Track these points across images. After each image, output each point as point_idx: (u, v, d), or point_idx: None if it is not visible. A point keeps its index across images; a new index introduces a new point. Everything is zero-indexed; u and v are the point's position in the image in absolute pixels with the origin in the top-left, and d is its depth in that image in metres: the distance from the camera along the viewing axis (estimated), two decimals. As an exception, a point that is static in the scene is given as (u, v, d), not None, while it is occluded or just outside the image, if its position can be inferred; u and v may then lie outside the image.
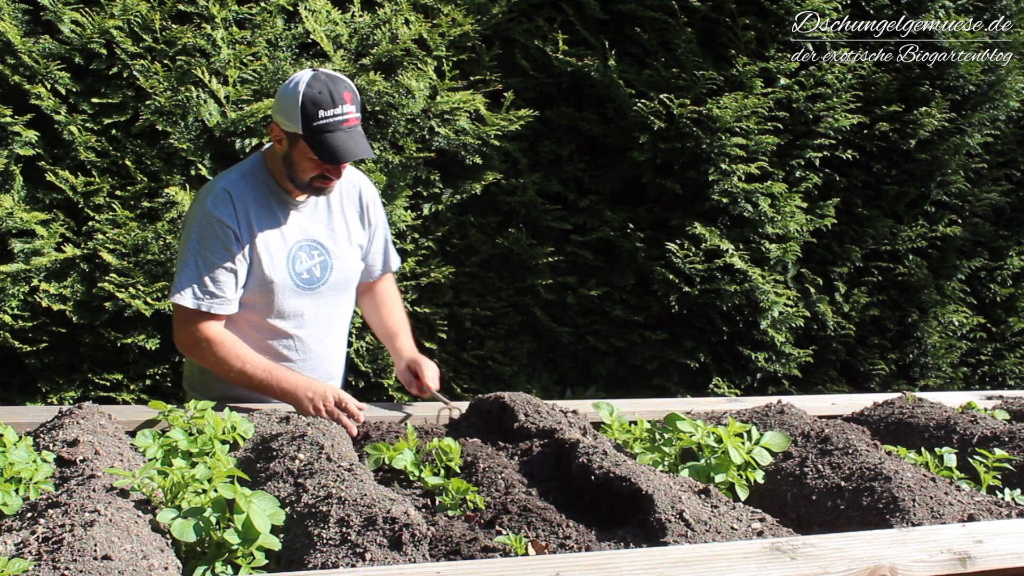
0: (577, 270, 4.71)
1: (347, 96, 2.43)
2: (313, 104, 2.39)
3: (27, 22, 3.67)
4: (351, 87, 2.48)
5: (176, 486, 1.62)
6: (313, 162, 2.44)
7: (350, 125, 2.43)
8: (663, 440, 2.22)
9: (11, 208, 3.61)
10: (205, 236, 2.47)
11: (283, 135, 2.47)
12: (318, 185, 2.51)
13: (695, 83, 4.58)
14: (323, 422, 2.14)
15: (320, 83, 2.41)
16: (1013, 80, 5.32)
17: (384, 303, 2.87)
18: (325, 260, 2.62)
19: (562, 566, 1.39)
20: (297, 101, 2.39)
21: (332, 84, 2.42)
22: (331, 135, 2.40)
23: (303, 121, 2.40)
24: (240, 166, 2.63)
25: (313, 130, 2.40)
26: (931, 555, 1.52)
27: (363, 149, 2.46)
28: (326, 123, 2.39)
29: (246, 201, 2.51)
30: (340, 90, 2.42)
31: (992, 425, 2.43)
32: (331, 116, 2.39)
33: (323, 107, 2.39)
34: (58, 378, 3.80)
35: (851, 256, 5.21)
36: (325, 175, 2.49)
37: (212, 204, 2.48)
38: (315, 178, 2.49)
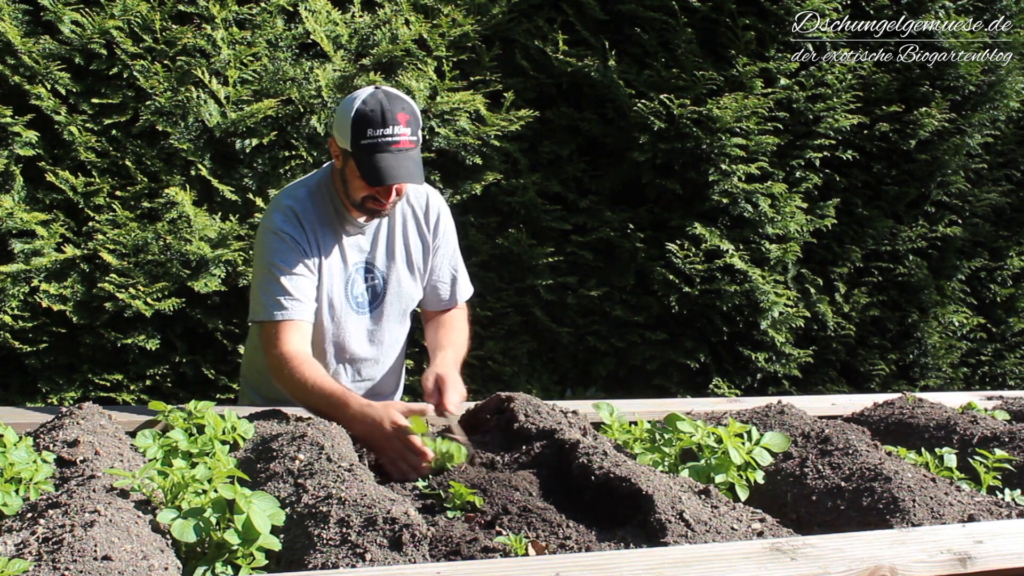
0: (577, 270, 4.71)
1: (402, 117, 2.32)
2: (363, 121, 2.30)
3: (27, 22, 3.67)
4: (410, 109, 2.37)
5: (176, 486, 1.62)
6: (362, 182, 2.36)
7: (400, 148, 2.32)
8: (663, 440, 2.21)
9: (11, 208, 3.61)
10: (277, 249, 2.42)
11: (339, 151, 2.41)
12: (371, 207, 2.42)
13: (695, 83, 4.58)
14: (323, 422, 2.14)
15: (375, 100, 2.32)
16: (1013, 80, 5.32)
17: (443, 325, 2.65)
18: (378, 284, 2.58)
19: (562, 566, 1.39)
20: (349, 117, 2.32)
21: (388, 103, 2.32)
22: (378, 155, 2.31)
23: (352, 138, 2.32)
24: (308, 180, 2.56)
25: (361, 148, 2.31)
26: (931, 555, 1.52)
27: (407, 174, 2.33)
28: (374, 142, 2.30)
29: (312, 220, 2.46)
30: (395, 110, 2.32)
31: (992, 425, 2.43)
32: (379, 136, 2.30)
33: (372, 126, 2.30)
34: (58, 378, 3.80)
35: (851, 256, 5.21)
36: (376, 197, 2.40)
37: (281, 221, 2.44)
38: (366, 199, 2.41)
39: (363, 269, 2.57)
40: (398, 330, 2.69)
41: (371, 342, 2.63)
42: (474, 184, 4.39)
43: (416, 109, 2.40)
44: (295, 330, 2.40)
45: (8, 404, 3.70)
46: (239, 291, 3.98)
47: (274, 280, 2.40)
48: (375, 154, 2.31)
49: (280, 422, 2.20)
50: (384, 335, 2.64)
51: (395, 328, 2.66)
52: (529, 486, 1.93)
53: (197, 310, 3.91)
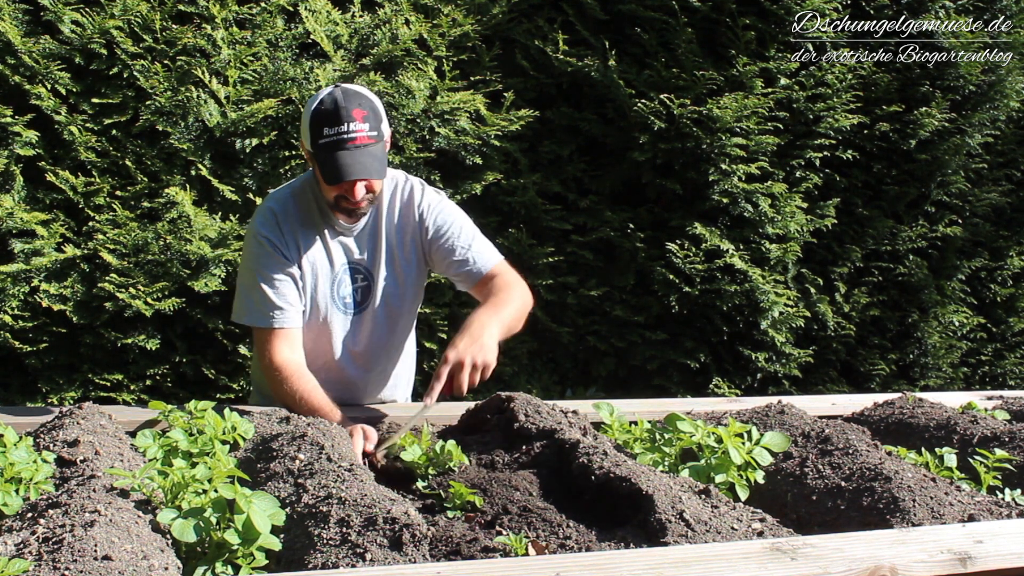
0: (577, 270, 4.71)
1: (357, 113, 2.31)
2: (319, 120, 2.31)
3: (27, 22, 3.67)
4: (368, 104, 2.35)
5: (176, 486, 1.62)
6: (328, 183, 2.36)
7: (356, 144, 2.30)
8: (663, 440, 2.21)
9: (11, 208, 3.61)
10: (259, 254, 2.45)
11: (307, 154, 2.42)
12: (345, 206, 2.41)
13: (695, 83, 4.58)
14: (323, 422, 2.15)
15: (331, 99, 2.32)
16: (1013, 80, 5.32)
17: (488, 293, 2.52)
18: (368, 285, 2.56)
19: (562, 566, 1.39)
20: (308, 117, 2.34)
21: (344, 99, 2.31)
22: (336, 153, 2.30)
23: (311, 138, 2.34)
24: (294, 181, 2.57)
25: (319, 148, 2.32)
26: (931, 555, 1.52)
27: (363, 169, 2.31)
28: (328, 140, 2.30)
29: (292, 222, 2.46)
30: (351, 107, 2.30)
31: (992, 425, 2.43)
32: (334, 134, 2.29)
33: (328, 123, 2.29)
34: (58, 378, 3.80)
35: (851, 256, 5.21)
36: (345, 196, 2.38)
37: (260, 224, 2.46)
38: (338, 199, 2.39)
39: (350, 270, 2.55)
40: (398, 331, 2.68)
41: (361, 342, 2.62)
42: (474, 184, 4.39)
43: (376, 104, 2.38)
44: (285, 339, 2.44)
45: (8, 404, 3.70)
46: (239, 291, 3.98)
47: (258, 287, 2.43)
48: (332, 152, 2.30)
49: (280, 422, 2.20)
50: (375, 335, 2.63)
51: (387, 328, 2.65)
52: (529, 486, 1.93)
53: (197, 310, 3.91)
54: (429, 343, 4.38)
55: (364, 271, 2.57)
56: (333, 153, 2.30)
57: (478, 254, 2.59)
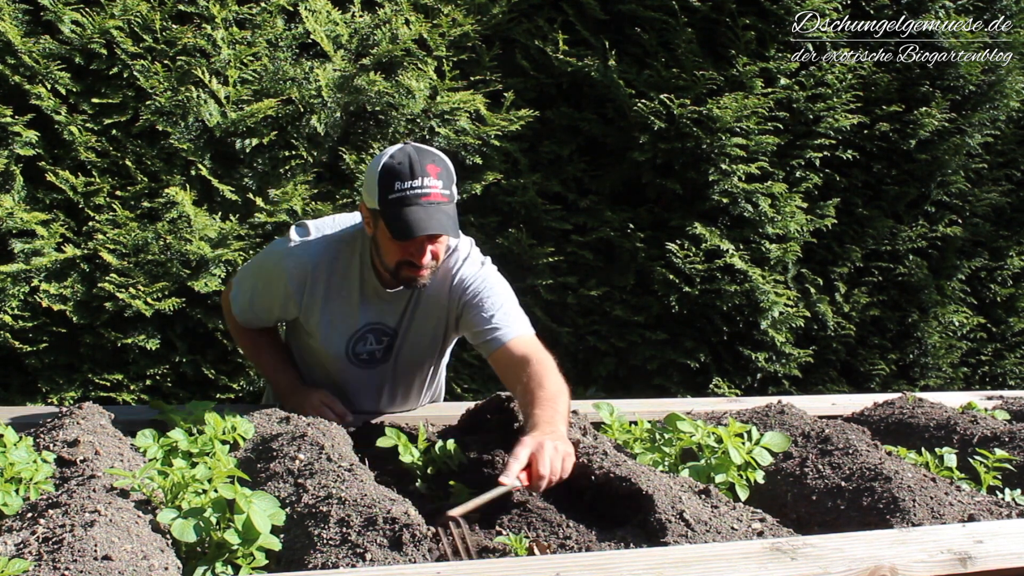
0: (577, 270, 4.71)
1: (431, 169, 2.20)
2: (391, 175, 2.19)
3: (27, 22, 3.67)
4: (442, 162, 2.25)
5: (176, 486, 1.62)
6: (393, 243, 2.23)
7: (431, 200, 2.18)
8: (663, 440, 2.22)
9: (11, 208, 3.61)
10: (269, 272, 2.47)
11: (368, 215, 2.29)
12: (407, 274, 2.29)
13: (695, 83, 4.58)
14: (323, 422, 2.15)
15: (403, 154, 2.21)
16: (1013, 80, 5.32)
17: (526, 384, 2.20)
18: (390, 345, 2.49)
19: (562, 566, 1.39)
20: (377, 172, 2.22)
21: (417, 155, 2.21)
22: (407, 209, 2.16)
23: (379, 194, 2.20)
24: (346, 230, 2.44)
25: (388, 203, 2.18)
26: (931, 555, 1.52)
27: (439, 225, 2.18)
28: (401, 195, 2.17)
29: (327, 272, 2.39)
30: (424, 162, 2.20)
31: (992, 425, 2.43)
32: (408, 188, 2.16)
33: (401, 179, 2.17)
34: (58, 378, 3.80)
35: (851, 256, 5.21)
36: (411, 261, 2.26)
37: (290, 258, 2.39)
38: (401, 264, 2.28)
39: (375, 331, 2.47)
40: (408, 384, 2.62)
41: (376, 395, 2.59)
42: (474, 184, 4.39)
43: (448, 164, 2.29)
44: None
45: (8, 404, 3.70)
46: (239, 291, 3.98)
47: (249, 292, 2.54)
48: (404, 207, 2.17)
49: (280, 422, 2.20)
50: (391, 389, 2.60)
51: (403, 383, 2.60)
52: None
53: (197, 310, 3.91)
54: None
55: (390, 333, 2.48)
56: (406, 208, 2.17)
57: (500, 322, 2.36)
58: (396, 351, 2.51)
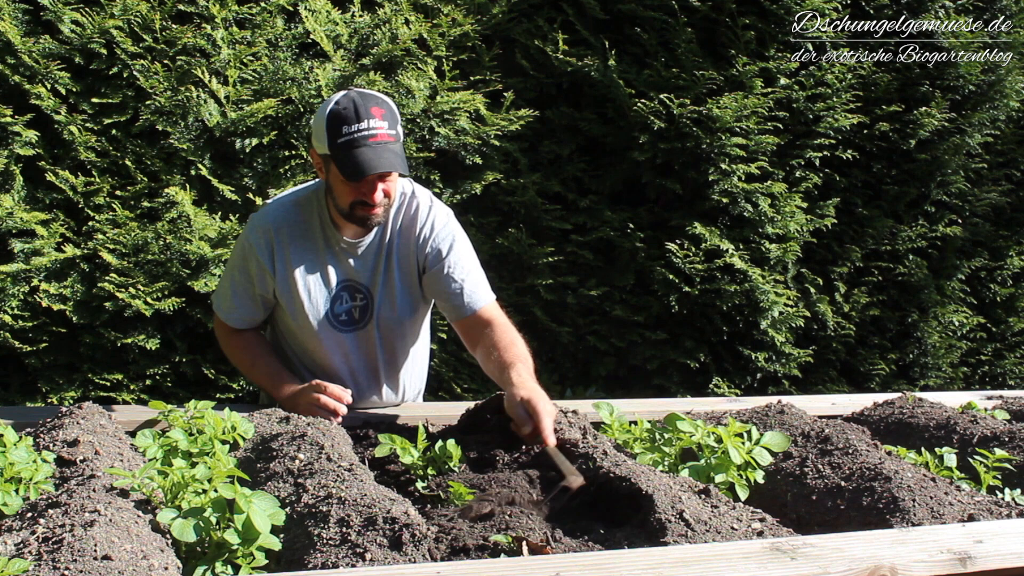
0: (577, 270, 4.71)
1: (376, 111, 2.30)
2: (337, 120, 2.29)
3: (27, 22, 3.67)
4: (385, 104, 2.35)
5: (176, 486, 1.62)
6: (345, 185, 2.33)
7: (378, 141, 2.29)
8: (663, 440, 2.21)
9: (11, 208, 3.61)
10: (240, 258, 2.54)
11: (320, 160, 2.39)
12: (360, 213, 2.38)
13: (695, 83, 4.58)
14: (323, 422, 2.15)
15: (347, 99, 2.31)
16: (1013, 80, 5.32)
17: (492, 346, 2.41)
18: (367, 304, 2.53)
19: (562, 566, 1.39)
20: (324, 119, 2.32)
21: (361, 99, 2.31)
22: (356, 151, 2.27)
23: (328, 139, 2.31)
24: (298, 191, 2.55)
25: (338, 147, 2.29)
26: (931, 555, 1.52)
27: (388, 163, 2.29)
28: (350, 138, 2.27)
29: (287, 235, 2.45)
30: (368, 105, 2.30)
31: (992, 425, 2.43)
32: (355, 131, 2.27)
33: (347, 122, 2.28)
34: (58, 378, 3.80)
35: (851, 256, 5.21)
36: (364, 200, 2.35)
37: (251, 232, 2.49)
38: (354, 205, 2.37)
39: (349, 288, 2.52)
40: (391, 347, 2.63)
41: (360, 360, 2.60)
42: (474, 184, 4.39)
43: (392, 106, 2.38)
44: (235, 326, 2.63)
45: (8, 404, 3.70)
46: (239, 291, 3.98)
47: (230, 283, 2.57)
48: (353, 149, 2.28)
49: (280, 422, 2.20)
50: (374, 353, 2.60)
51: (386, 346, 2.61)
52: (528, 486, 1.93)
53: (197, 310, 3.91)
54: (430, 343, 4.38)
55: (364, 290, 2.53)
56: (354, 150, 2.28)
57: (469, 292, 2.50)
58: (376, 312, 2.55)
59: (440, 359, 4.43)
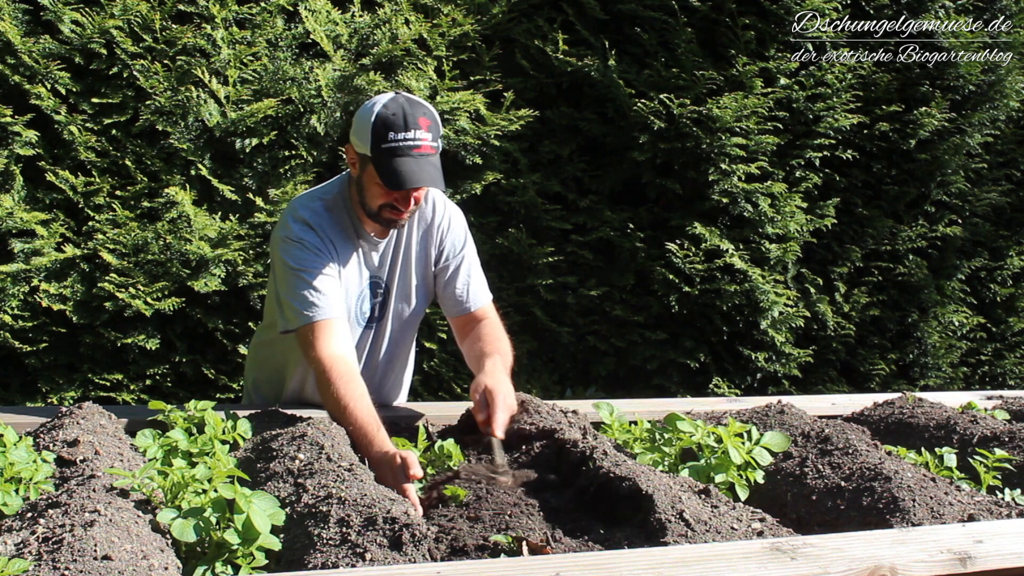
0: (577, 270, 4.71)
1: (423, 122, 2.28)
2: (385, 125, 2.25)
3: (27, 22, 3.67)
4: (431, 115, 2.33)
5: (176, 486, 1.62)
6: (380, 188, 2.30)
7: (421, 152, 2.27)
8: (663, 440, 2.22)
9: (11, 208, 3.61)
10: (298, 256, 2.34)
11: (356, 157, 2.36)
12: (387, 216, 2.36)
13: (695, 83, 4.58)
14: (323, 422, 2.14)
15: (397, 105, 2.28)
16: (1013, 80, 5.32)
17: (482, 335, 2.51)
18: (384, 301, 2.53)
19: (562, 566, 1.39)
20: (370, 121, 2.28)
21: (409, 107, 2.28)
22: (399, 159, 2.25)
23: (372, 142, 2.27)
24: (323, 192, 2.48)
25: (381, 152, 2.26)
26: (931, 555, 1.52)
27: (430, 178, 2.27)
28: (395, 146, 2.25)
29: (330, 232, 2.40)
30: (417, 115, 2.27)
31: (992, 425, 2.43)
32: (401, 140, 2.25)
33: (394, 129, 2.25)
34: (58, 378, 3.80)
35: (851, 256, 5.21)
36: (394, 205, 2.33)
37: (299, 230, 2.36)
38: (383, 207, 2.35)
39: (372, 285, 2.52)
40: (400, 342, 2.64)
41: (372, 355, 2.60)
42: (474, 184, 4.39)
43: (436, 115, 2.36)
44: (330, 330, 2.30)
45: (8, 404, 3.70)
46: (239, 291, 3.98)
47: (302, 284, 2.32)
48: (396, 158, 2.25)
49: (280, 422, 2.20)
50: (385, 347, 2.61)
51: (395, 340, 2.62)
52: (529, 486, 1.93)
53: (197, 310, 3.91)
54: (429, 343, 4.38)
55: (383, 286, 2.53)
56: (397, 159, 2.25)
57: (473, 291, 2.57)
58: (392, 306, 2.55)
59: (440, 359, 4.43)
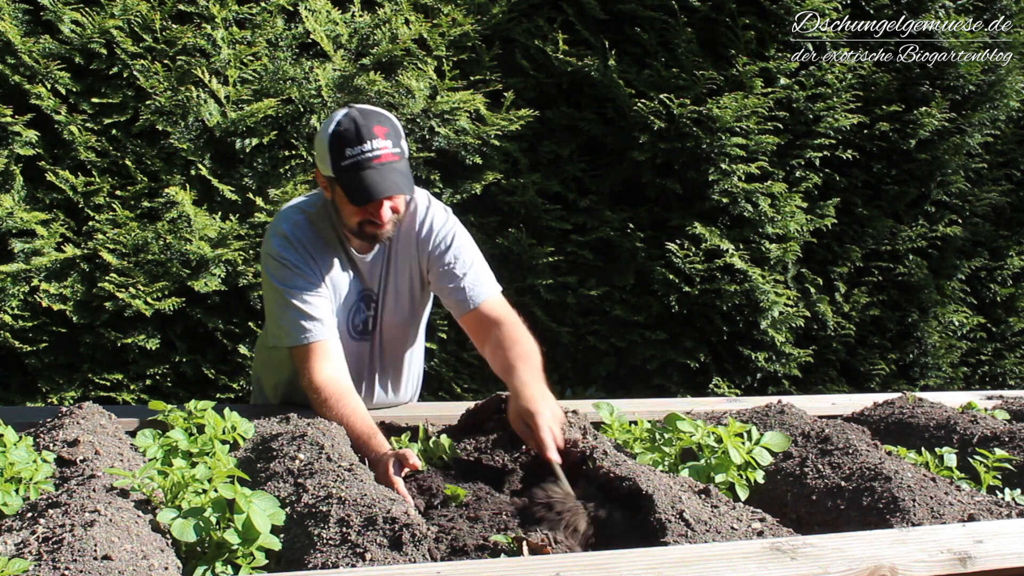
0: (577, 270, 4.71)
1: (379, 130, 2.23)
2: (340, 142, 2.22)
3: (27, 22, 3.67)
4: (388, 121, 2.28)
5: (176, 486, 1.62)
6: (353, 207, 2.26)
7: (382, 162, 2.21)
8: (663, 440, 2.22)
9: (11, 208, 3.61)
10: (283, 276, 2.34)
11: (325, 181, 2.32)
12: (369, 231, 2.31)
13: (695, 83, 4.58)
14: (323, 422, 2.14)
15: (349, 120, 2.23)
16: (1013, 80, 5.32)
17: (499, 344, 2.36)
18: (376, 314, 2.50)
19: (562, 566, 1.39)
20: (327, 142, 2.25)
21: (362, 119, 2.23)
22: (361, 174, 2.21)
23: (332, 162, 2.23)
24: (306, 204, 2.44)
25: (342, 170, 2.22)
26: (931, 555, 1.52)
27: (394, 186, 2.22)
28: (354, 161, 2.20)
29: (311, 246, 2.37)
30: (371, 125, 2.23)
31: (992, 425, 2.43)
32: (359, 154, 2.20)
33: (350, 144, 2.21)
34: (58, 378, 3.80)
35: (851, 256, 5.21)
36: (371, 220, 2.28)
37: (279, 247, 2.34)
38: (362, 223, 2.30)
39: (366, 297, 2.49)
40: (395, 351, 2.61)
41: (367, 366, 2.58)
42: (474, 184, 4.39)
43: (395, 121, 2.32)
44: (321, 354, 2.31)
45: (8, 404, 3.70)
46: (239, 291, 3.98)
47: (289, 306, 2.31)
48: (358, 172, 2.21)
49: (280, 422, 2.20)
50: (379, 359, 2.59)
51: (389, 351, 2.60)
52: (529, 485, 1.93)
53: (197, 310, 3.91)
54: (429, 343, 4.38)
55: (375, 297, 2.50)
56: (359, 173, 2.21)
57: (474, 286, 2.44)
58: (380, 317, 2.50)
59: (440, 359, 4.43)
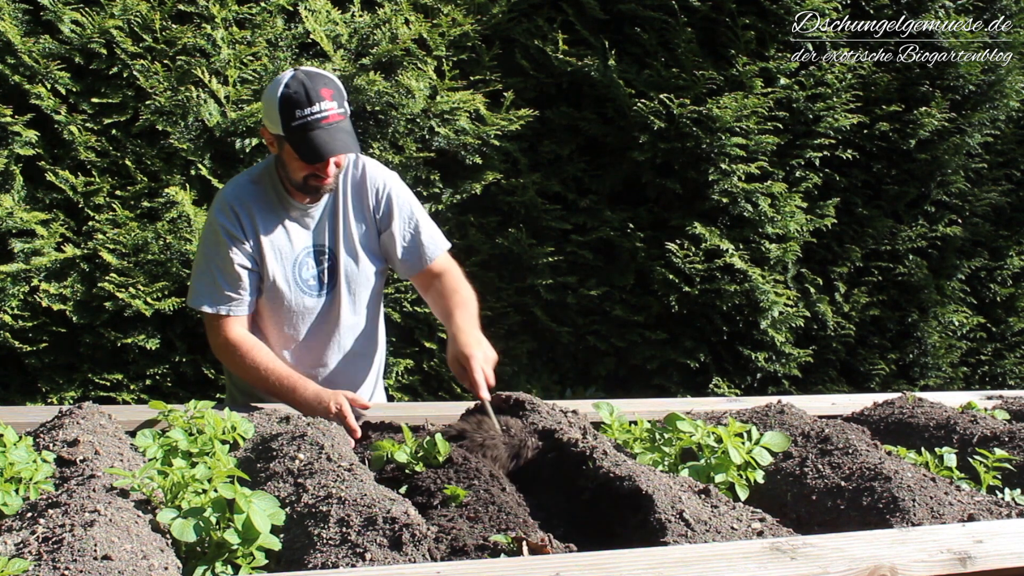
0: (577, 270, 4.71)
1: (325, 92, 2.40)
2: (289, 104, 2.38)
3: (27, 22, 3.67)
4: (332, 83, 2.45)
5: (176, 486, 1.62)
6: (300, 162, 2.44)
7: (330, 122, 2.40)
8: (663, 440, 2.21)
9: (11, 208, 3.61)
10: (214, 243, 2.53)
11: (272, 138, 2.49)
12: (313, 184, 2.49)
13: (695, 83, 4.58)
14: (323, 422, 2.15)
15: (297, 82, 2.40)
16: (1013, 80, 5.32)
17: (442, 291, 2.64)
18: (333, 266, 2.61)
19: (562, 566, 1.39)
20: (276, 102, 2.41)
21: (310, 82, 2.40)
22: (311, 134, 2.38)
23: (282, 122, 2.40)
24: (252, 170, 2.65)
25: (292, 130, 2.39)
26: (931, 555, 1.52)
27: (343, 145, 2.42)
28: (304, 122, 2.38)
29: (251, 209, 2.53)
30: (318, 87, 2.40)
31: (992, 425, 2.43)
32: (308, 115, 2.38)
33: (299, 106, 2.38)
34: (58, 378, 3.80)
35: (851, 256, 5.21)
36: (316, 174, 2.47)
37: (218, 212, 2.54)
38: (307, 178, 2.48)
39: (314, 252, 2.60)
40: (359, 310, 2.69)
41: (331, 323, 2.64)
42: (474, 184, 4.39)
43: (338, 83, 2.48)
44: (236, 322, 2.55)
45: (8, 404, 3.70)
46: (239, 291, 3.97)
47: (210, 273, 2.52)
48: (307, 132, 2.38)
49: (280, 422, 2.20)
50: (344, 316, 2.65)
51: (354, 307, 2.67)
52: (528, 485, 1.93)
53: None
54: (429, 343, 4.38)
55: (328, 252, 2.61)
56: (308, 133, 2.38)
57: (427, 242, 2.67)
58: (343, 270, 2.62)
59: (440, 359, 4.43)
